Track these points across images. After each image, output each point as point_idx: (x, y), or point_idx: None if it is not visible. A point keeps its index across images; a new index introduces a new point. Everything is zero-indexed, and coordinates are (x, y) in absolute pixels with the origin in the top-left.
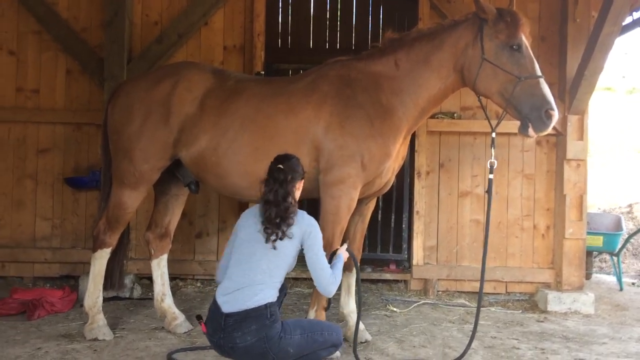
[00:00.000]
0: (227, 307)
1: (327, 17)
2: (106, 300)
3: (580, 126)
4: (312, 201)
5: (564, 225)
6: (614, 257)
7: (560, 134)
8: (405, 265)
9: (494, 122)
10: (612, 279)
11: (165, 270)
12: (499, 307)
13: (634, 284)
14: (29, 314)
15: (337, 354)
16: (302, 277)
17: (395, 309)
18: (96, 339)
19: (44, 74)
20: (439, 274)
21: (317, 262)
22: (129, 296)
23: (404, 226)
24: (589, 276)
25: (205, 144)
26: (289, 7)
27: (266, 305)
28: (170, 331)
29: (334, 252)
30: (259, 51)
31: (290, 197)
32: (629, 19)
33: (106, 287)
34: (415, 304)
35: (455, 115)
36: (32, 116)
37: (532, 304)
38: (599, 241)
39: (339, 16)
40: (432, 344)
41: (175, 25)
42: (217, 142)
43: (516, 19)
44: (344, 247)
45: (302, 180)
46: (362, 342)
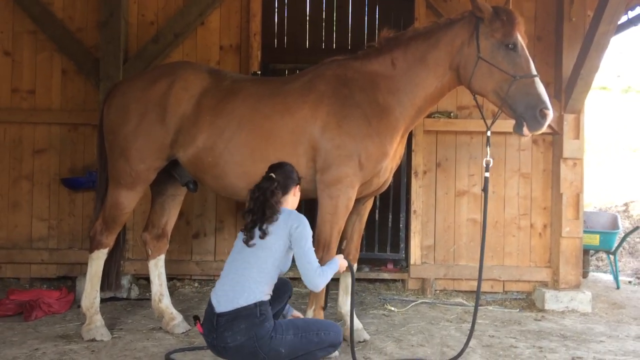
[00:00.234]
0: (219, 307)
1: (323, 17)
2: (103, 300)
3: (576, 125)
4: (309, 201)
5: (561, 223)
6: (611, 256)
7: (556, 133)
8: (402, 264)
9: (489, 121)
10: (609, 278)
11: (162, 270)
12: (497, 306)
13: (630, 282)
14: (26, 315)
15: (335, 354)
16: (299, 277)
17: (393, 308)
18: (94, 340)
19: (39, 75)
20: (437, 273)
21: (304, 255)
22: (126, 297)
23: (401, 226)
24: (585, 275)
25: (202, 144)
26: (285, 7)
27: (256, 304)
28: (168, 331)
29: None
30: (255, 51)
31: (274, 203)
32: (624, 18)
33: (103, 287)
34: (413, 303)
35: (451, 114)
36: (28, 117)
37: (529, 302)
38: (595, 240)
39: (335, 16)
40: (430, 343)
41: (171, 25)
42: (214, 142)
43: (512, 17)
44: (341, 256)
45: (297, 186)
46: (360, 342)
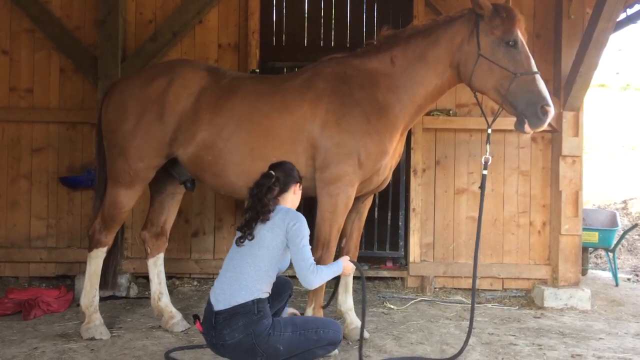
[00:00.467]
0: (217, 305)
1: (322, 14)
2: (103, 299)
3: (575, 122)
4: (308, 201)
5: (560, 221)
6: (610, 253)
7: (555, 131)
8: (402, 262)
9: (490, 119)
10: (608, 275)
11: (161, 269)
12: (496, 304)
13: (629, 279)
14: (25, 314)
15: (335, 352)
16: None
17: (392, 306)
18: (93, 339)
19: (37, 73)
20: (436, 271)
21: (298, 252)
22: (125, 295)
23: (400, 224)
24: (584, 272)
25: (201, 142)
26: (284, 4)
27: (254, 301)
28: (167, 330)
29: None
30: (254, 49)
31: (267, 200)
32: (622, 15)
33: (101, 286)
34: (412, 301)
35: (450, 112)
36: (26, 115)
37: (528, 300)
38: (594, 237)
39: (333, 14)
40: (429, 340)
41: (169, 23)
42: (213, 140)
43: (512, 14)
44: (346, 258)
45: (297, 184)
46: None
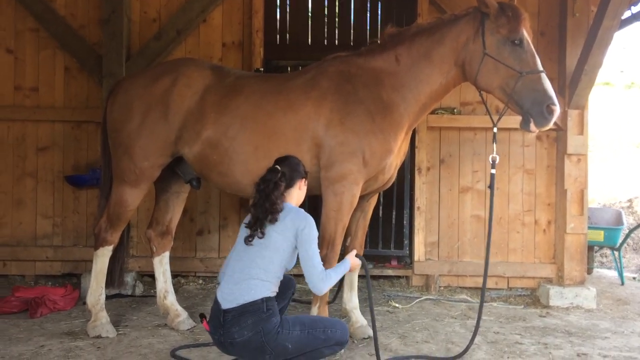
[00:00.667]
0: (225, 303)
1: (326, 13)
2: (108, 297)
3: (580, 121)
4: (312, 198)
5: (565, 220)
6: (615, 252)
7: (560, 129)
8: (406, 261)
9: (495, 118)
10: (613, 274)
11: (167, 267)
12: (501, 303)
13: (634, 278)
14: (31, 312)
15: (341, 352)
16: (303, 274)
17: (397, 305)
18: (99, 337)
19: (42, 72)
20: (441, 270)
21: (309, 259)
22: (131, 294)
23: (405, 222)
24: (590, 271)
25: (206, 141)
26: (287, 3)
27: (263, 299)
28: (173, 328)
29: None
30: (258, 48)
31: (275, 198)
32: (627, 13)
33: (107, 284)
34: (417, 300)
35: (455, 110)
36: (31, 114)
37: (534, 299)
38: (600, 236)
39: (337, 12)
40: (435, 339)
41: (173, 22)
42: (218, 139)
43: (518, 13)
44: (353, 252)
45: (303, 179)
46: (364, 338)
